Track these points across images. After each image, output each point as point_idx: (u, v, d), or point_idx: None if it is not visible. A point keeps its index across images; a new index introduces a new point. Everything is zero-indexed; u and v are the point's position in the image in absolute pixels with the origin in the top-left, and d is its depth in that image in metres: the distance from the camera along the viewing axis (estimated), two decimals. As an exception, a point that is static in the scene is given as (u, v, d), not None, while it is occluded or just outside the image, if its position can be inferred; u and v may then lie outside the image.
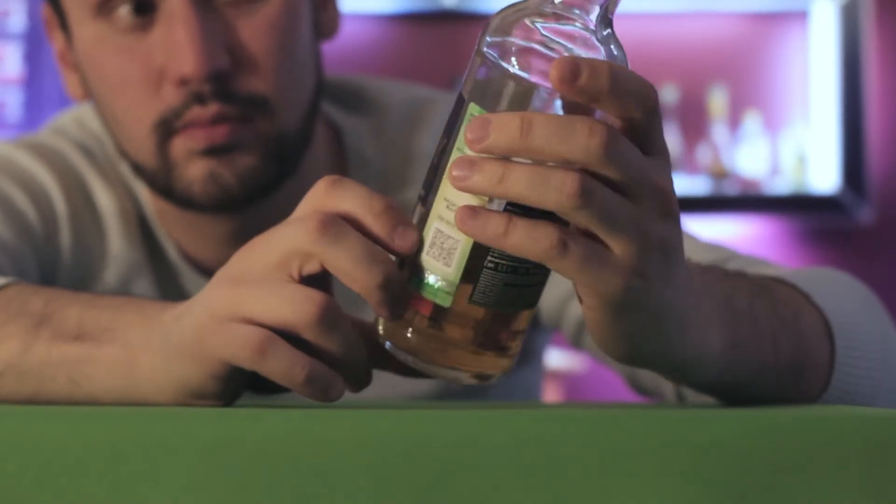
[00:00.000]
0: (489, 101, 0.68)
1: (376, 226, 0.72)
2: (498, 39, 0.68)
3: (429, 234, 0.70)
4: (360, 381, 0.76)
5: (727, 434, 0.57)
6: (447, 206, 0.69)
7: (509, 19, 0.68)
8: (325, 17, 1.14)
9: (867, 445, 0.57)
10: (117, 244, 1.13)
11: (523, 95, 0.67)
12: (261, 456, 0.56)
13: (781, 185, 3.42)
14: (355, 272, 0.71)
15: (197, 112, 1.03)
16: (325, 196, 0.73)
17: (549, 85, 0.66)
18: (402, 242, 0.71)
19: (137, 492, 0.56)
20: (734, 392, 0.81)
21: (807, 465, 0.57)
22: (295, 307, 0.72)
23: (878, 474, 0.57)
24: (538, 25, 0.67)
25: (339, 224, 0.72)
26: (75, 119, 1.20)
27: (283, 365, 0.72)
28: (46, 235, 1.11)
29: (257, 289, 0.73)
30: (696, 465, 0.56)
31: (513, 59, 0.67)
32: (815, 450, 0.57)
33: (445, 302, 0.70)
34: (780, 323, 0.83)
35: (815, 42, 3.46)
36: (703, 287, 0.77)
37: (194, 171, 1.04)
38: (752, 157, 3.47)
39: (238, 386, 0.76)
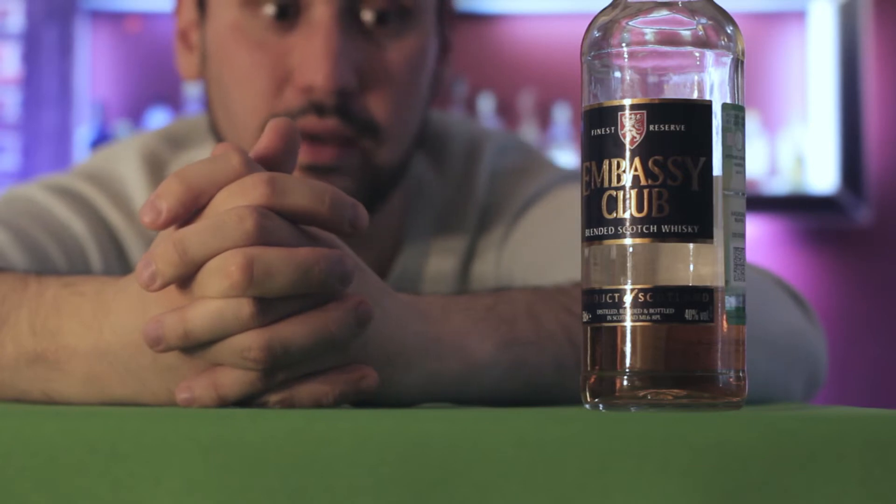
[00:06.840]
0: None
1: None
2: None
3: None
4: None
5: (727, 434, 0.57)
6: None
7: None
8: (441, 74, 1.16)
9: (867, 445, 0.57)
10: None
11: None
12: (261, 456, 0.56)
13: (779, 186, 3.42)
14: None
15: (312, 121, 1.04)
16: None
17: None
18: None
19: (137, 492, 0.56)
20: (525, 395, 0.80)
21: (807, 464, 0.57)
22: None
23: (878, 474, 0.57)
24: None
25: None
26: (105, 159, 1.20)
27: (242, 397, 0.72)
28: None
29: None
30: (696, 465, 0.56)
31: None
32: (815, 450, 0.57)
33: None
34: (575, 319, 0.81)
35: (813, 42, 3.46)
36: (444, 308, 0.78)
37: None
38: (750, 156, 3.47)
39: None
